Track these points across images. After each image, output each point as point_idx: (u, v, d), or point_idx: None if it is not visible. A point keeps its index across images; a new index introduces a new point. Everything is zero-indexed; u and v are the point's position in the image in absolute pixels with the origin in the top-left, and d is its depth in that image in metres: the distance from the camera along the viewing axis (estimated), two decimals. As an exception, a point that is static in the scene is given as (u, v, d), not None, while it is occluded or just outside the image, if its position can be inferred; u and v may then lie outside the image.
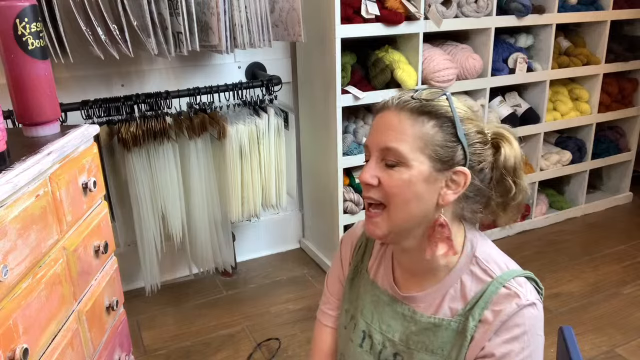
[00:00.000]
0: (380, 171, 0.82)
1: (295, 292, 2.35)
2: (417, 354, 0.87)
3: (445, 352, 0.85)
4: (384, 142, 0.81)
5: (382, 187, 0.81)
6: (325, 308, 1.06)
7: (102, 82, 2.11)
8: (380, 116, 0.84)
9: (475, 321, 0.82)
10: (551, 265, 2.50)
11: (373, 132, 0.84)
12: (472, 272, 0.85)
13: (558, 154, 2.86)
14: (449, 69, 2.28)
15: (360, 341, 0.95)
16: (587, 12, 2.63)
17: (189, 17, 1.77)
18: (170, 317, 2.18)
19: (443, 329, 0.85)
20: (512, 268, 0.85)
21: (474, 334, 0.82)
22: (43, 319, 0.98)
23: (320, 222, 2.55)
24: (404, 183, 0.79)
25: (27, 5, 1.04)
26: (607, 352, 1.90)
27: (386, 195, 0.81)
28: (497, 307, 0.80)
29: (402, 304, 0.90)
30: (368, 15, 2.08)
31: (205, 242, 2.20)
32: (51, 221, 1.03)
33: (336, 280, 1.06)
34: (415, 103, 0.81)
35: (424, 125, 0.80)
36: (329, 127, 2.22)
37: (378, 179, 0.81)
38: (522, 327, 0.79)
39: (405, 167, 0.79)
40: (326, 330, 1.06)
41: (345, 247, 1.05)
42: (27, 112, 1.10)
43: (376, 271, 0.97)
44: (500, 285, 0.82)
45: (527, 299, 0.80)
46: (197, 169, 2.06)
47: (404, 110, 0.81)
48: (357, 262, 1.01)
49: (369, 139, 0.85)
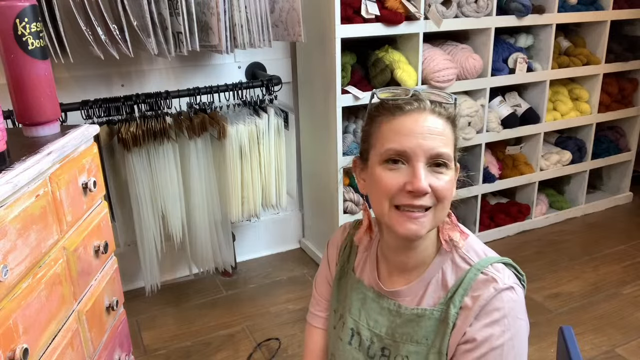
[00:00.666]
0: (429, 177, 0.81)
1: (295, 292, 2.35)
2: (403, 346, 0.88)
3: (429, 341, 0.86)
4: (435, 146, 0.80)
5: (434, 192, 0.81)
6: (315, 310, 1.08)
7: (102, 82, 2.11)
8: (414, 119, 0.81)
9: (456, 308, 0.83)
10: (551, 265, 2.50)
11: (412, 135, 0.80)
12: (452, 261, 0.87)
13: (558, 154, 2.86)
14: (449, 69, 2.28)
15: (349, 339, 0.96)
16: (587, 12, 2.63)
17: (189, 17, 1.77)
18: (170, 317, 2.18)
19: (426, 318, 0.86)
20: (489, 255, 0.87)
21: (455, 321, 0.83)
22: (43, 319, 0.98)
23: (320, 222, 2.55)
24: (451, 185, 0.83)
25: (27, 5, 1.04)
26: (607, 352, 1.90)
27: (437, 199, 0.82)
28: (476, 293, 0.82)
29: (388, 299, 0.92)
30: (368, 15, 2.08)
31: (205, 242, 2.20)
32: (51, 221, 1.03)
33: (324, 282, 1.07)
34: (449, 108, 0.83)
35: (453, 129, 0.84)
36: (329, 127, 2.22)
37: (429, 185, 0.81)
38: (501, 310, 0.80)
39: (449, 169, 0.82)
40: (317, 332, 1.07)
41: (332, 249, 1.06)
42: (27, 112, 1.10)
43: (362, 269, 0.99)
44: (478, 272, 0.84)
45: (504, 283, 0.81)
46: (197, 169, 2.06)
47: (442, 116, 0.82)
48: (343, 262, 1.03)
49: (407, 143, 0.80)
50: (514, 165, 2.77)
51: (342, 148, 2.22)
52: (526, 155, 2.79)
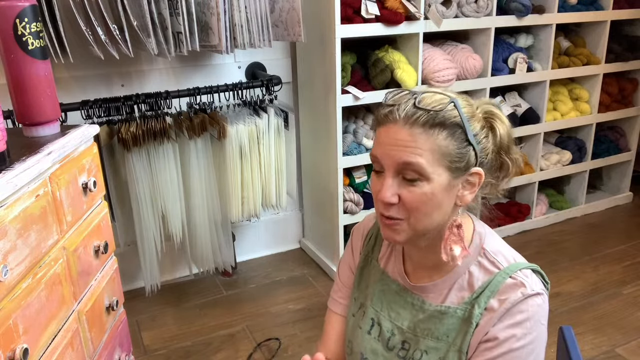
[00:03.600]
0: (400, 187, 0.80)
1: (295, 292, 2.35)
2: (423, 341, 0.89)
3: (450, 338, 0.87)
4: (400, 157, 0.78)
5: (402, 203, 0.80)
6: (337, 296, 1.08)
7: (102, 82, 2.11)
8: (387, 130, 0.81)
9: (481, 309, 0.83)
10: (551, 265, 2.50)
11: (383, 145, 0.81)
12: (480, 264, 0.87)
13: (558, 154, 2.86)
14: (449, 69, 2.28)
15: (369, 328, 0.97)
16: (587, 12, 2.63)
17: (189, 17, 1.77)
18: (170, 317, 2.18)
19: (449, 316, 0.87)
20: (519, 261, 0.87)
21: (479, 321, 0.83)
22: (43, 319, 0.98)
23: (320, 222, 2.55)
24: (426, 197, 0.79)
25: (27, 5, 1.04)
26: (607, 352, 1.90)
27: (408, 210, 0.81)
28: (503, 296, 0.82)
29: (412, 293, 0.93)
30: (368, 15, 2.08)
31: (205, 242, 2.20)
32: (51, 221, 1.03)
33: (347, 268, 1.07)
34: (425, 117, 0.78)
35: (437, 137, 0.78)
36: (329, 127, 2.22)
37: (398, 196, 0.80)
38: (525, 313, 0.81)
39: (426, 180, 0.79)
40: (336, 318, 1.07)
41: (357, 236, 1.07)
42: (27, 112, 1.10)
43: (387, 261, 0.99)
44: (507, 276, 0.84)
45: (532, 289, 0.82)
46: (197, 169, 2.06)
47: (416, 125, 0.78)
48: (367, 252, 1.03)
49: (379, 151, 0.81)
50: (514, 165, 2.76)
51: (342, 148, 2.22)
52: (526, 155, 2.79)
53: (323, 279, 2.44)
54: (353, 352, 1.00)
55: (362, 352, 0.97)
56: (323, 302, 2.19)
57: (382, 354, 0.94)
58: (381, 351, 0.94)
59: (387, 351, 0.94)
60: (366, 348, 0.96)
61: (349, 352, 1.02)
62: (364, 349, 0.97)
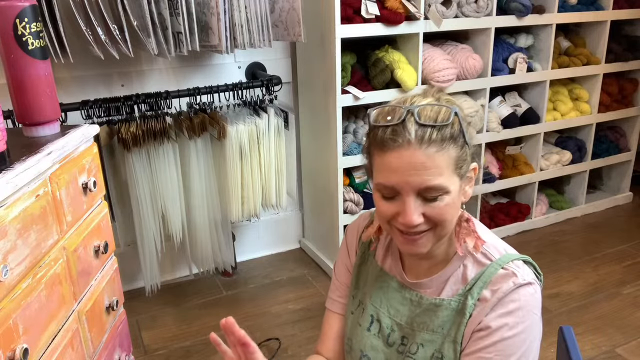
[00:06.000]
0: (423, 207, 0.81)
1: (295, 292, 2.35)
2: (419, 334, 0.91)
3: (444, 330, 0.88)
4: (422, 182, 0.78)
5: (427, 218, 0.81)
6: (334, 295, 1.08)
7: (102, 82, 2.11)
8: (399, 155, 0.78)
9: (474, 300, 0.85)
10: (551, 265, 2.50)
11: (399, 173, 0.79)
12: (474, 257, 0.89)
13: (558, 154, 2.86)
14: (449, 69, 2.28)
15: (369, 325, 0.98)
16: (587, 12, 2.63)
17: (189, 17, 1.77)
18: (170, 317, 2.18)
19: (443, 308, 0.89)
20: (510, 252, 0.89)
21: (472, 312, 0.85)
22: (43, 319, 0.98)
23: (320, 222, 2.55)
24: (448, 207, 0.81)
25: (27, 5, 1.04)
26: (607, 352, 1.90)
27: (434, 222, 0.82)
28: (495, 287, 0.84)
29: (410, 290, 0.94)
30: (368, 15, 2.08)
31: (205, 242, 2.20)
32: (51, 221, 1.03)
33: (343, 267, 1.08)
34: (435, 134, 0.77)
35: (449, 151, 0.79)
36: (329, 127, 2.22)
37: (422, 214, 0.81)
38: (517, 302, 0.83)
39: (447, 194, 0.80)
40: (335, 317, 1.07)
41: (351, 236, 1.07)
42: (27, 112, 1.10)
43: (384, 259, 1.00)
44: (498, 267, 0.86)
45: (523, 279, 0.84)
46: (197, 169, 2.06)
47: (429, 145, 0.77)
48: (363, 249, 1.04)
49: (395, 179, 0.79)
50: (514, 165, 2.77)
51: (342, 148, 2.22)
52: (526, 155, 2.79)
53: (323, 279, 2.44)
54: (352, 350, 1.00)
55: (362, 349, 0.98)
56: (323, 302, 2.18)
57: (382, 350, 0.95)
58: (381, 347, 0.95)
59: (387, 347, 0.95)
60: (366, 345, 0.97)
61: (348, 349, 1.02)
62: (363, 346, 0.97)
